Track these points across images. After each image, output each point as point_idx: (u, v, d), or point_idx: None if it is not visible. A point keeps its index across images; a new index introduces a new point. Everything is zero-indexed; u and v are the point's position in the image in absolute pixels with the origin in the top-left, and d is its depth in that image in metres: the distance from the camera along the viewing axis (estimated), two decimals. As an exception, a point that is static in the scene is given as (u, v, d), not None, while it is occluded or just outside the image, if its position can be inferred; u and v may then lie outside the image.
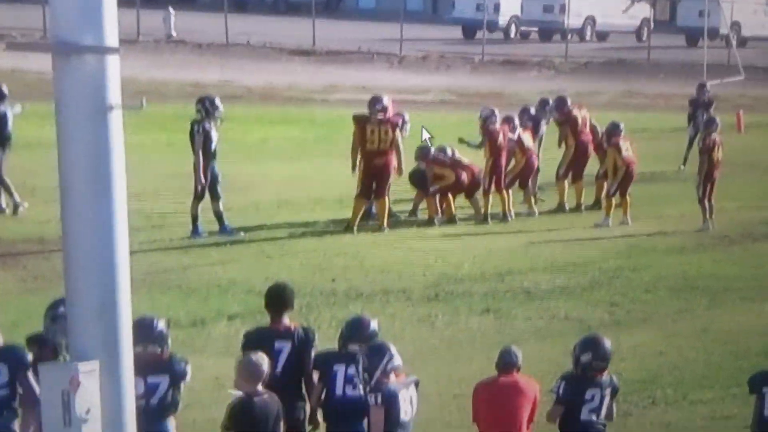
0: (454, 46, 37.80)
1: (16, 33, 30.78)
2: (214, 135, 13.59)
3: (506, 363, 7.46)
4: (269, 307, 7.36)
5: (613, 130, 15.72)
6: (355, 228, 14.35)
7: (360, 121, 14.47)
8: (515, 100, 26.55)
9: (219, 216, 13.87)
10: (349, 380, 7.11)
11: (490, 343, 10.17)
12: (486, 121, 15.28)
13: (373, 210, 14.77)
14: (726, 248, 14.59)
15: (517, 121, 15.86)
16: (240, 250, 13.52)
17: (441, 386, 9.36)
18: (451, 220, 15.34)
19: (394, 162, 14.37)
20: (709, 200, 15.24)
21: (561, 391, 7.26)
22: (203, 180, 13.53)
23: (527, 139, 15.99)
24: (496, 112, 15.54)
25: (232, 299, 11.57)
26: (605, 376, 7.24)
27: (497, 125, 15.29)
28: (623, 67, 35.28)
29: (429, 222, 15.20)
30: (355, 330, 7.30)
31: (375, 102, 14.55)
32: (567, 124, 16.38)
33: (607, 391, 7.25)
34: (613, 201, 15.58)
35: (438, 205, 15.32)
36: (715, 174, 15.27)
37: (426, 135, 16.19)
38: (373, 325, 7.37)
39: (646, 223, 15.71)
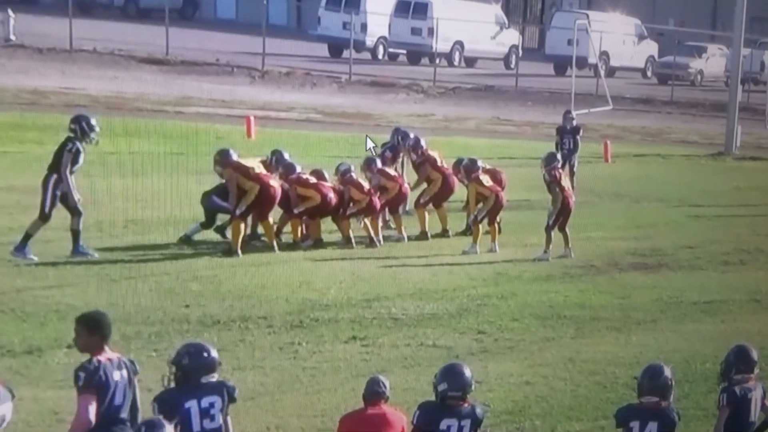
0: (320, 64, 37.89)
1: None
2: (83, 156, 13.30)
3: (373, 393, 7.44)
4: (95, 335, 6.90)
5: (471, 166, 16.12)
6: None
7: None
8: (383, 122, 26.83)
9: (76, 234, 13.46)
10: (205, 413, 6.87)
11: (355, 373, 10.15)
12: (344, 175, 15.59)
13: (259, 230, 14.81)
14: (592, 278, 14.86)
15: (378, 163, 16.14)
16: (81, 272, 12.94)
17: (304, 419, 9.25)
18: (317, 243, 15.31)
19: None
20: (563, 229, 15.64)
21: (415, 420, 7.22)
22: (73, 199, 13.19)
23: (391, 171, 16.43)
24: (352, 167, 15.84)
25: (72, 326, 10.98)
26: (466, 407, 7.20)
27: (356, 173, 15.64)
28: (491, 93, 35.96)
29: (293, 245, 15.15)
30: (202, 359, 6.92)
31: None
32: (426, 163, 16.70)
33: (467, 422, 7.18)
34: (481, 228, 15.82)
35: (304, 227, 15.31)
36: (570, 204, 15.67)
37: (370, 144, 16.19)
38: (214, 351, 7.04)
39: (513, 250, 16.00)
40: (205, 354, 6.88)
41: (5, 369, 6.64)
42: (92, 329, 6.92)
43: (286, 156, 15.60)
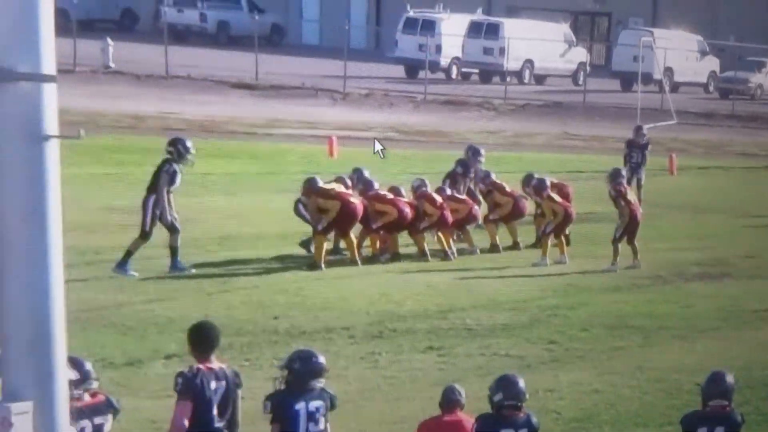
0: (397, 85, 37.97)
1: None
2: (179, 177, 13.45)
3: (450, 401, 7.44)
4: (199, 347, 6.95)
5: (541, 185, 16.00)
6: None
7: None
8: (456, 139, 26.81)
9: (174, 250, 13.60)
10: (311, 417, 6.91)
11: (432, 381, 10.11)
12: (417, 190, 15.64)
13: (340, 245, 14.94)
14: (659, 288, 14.72)
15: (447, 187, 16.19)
16: (178, 287, 13.10)
17: (384, 426, 9.28)
18: (395, 257, 15.35)
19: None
20: (632, 242, 15.47)
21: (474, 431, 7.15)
22: (169, 218, 13.35)
23: (460, 195, 16.39)
24: (426, 181, 15.89)
25: (170, 338, 11.11)
26: (522, 416, 7.09)
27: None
28: (560, 109, 35.71)
29: (372, 259, 15.18)
30: (312, 364, 7.02)
31: None
32: (494, 191, 16.64)
33: (523, 431, 7.11)
34: (550, 241, 15.72)
35: (381, 241, 15.34)
36: (638, 217, 15.50)
37: (378, 146, 16.19)
38: (322, 358, 7.18)
39: (582, 262, 15.85)
40: (315, 360, 6.96)
41: (108, 380, 6.78)
42: (195, 339, 6.99)
43: (366, 173, 15.66)
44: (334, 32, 43.91)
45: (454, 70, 42.36)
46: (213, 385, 6.79)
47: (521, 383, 7.13)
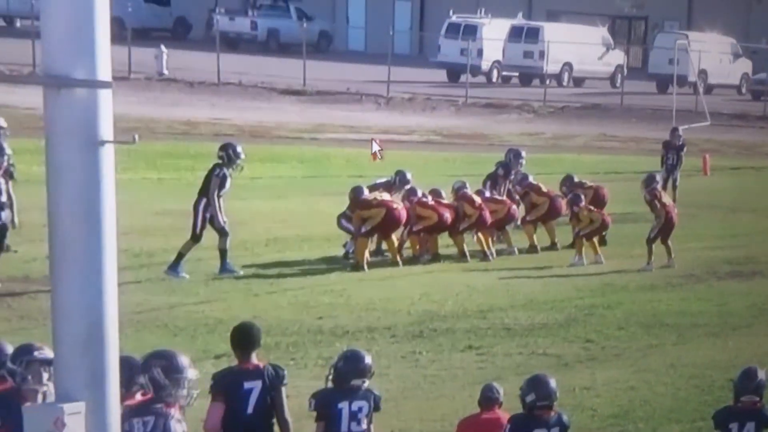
0: (439, 89, 37.80)
1: (4, 67, 29.38)
2: (229, 181, 13.46)
3: (488, 399, 7.38)
4: (236, 348, 6.91)
5: (576, 200, 15.84)
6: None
7: None
8: (497, 141, 26.65)
9: (223, 253, 13.59)
10: (353, 416, 6.85)
11: (472, 380, 10.03)
12: (458, 191, 15.56)
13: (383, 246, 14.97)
14: (692, 286, 14.55)
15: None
16: (227, 288, 13.05)
17: (425, 423, 9.23)
18: (435, 258, 15.27)
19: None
20: (666, 242, 15.35)
21: None
22: (220, 221, 13.36)
23: (498, 195, 16.36)
24: (467, 183, 15.82)
25: (219, 338, 10.98)
26: (553, 415, 6.98)
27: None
28: (598, 111, 35.40)
29: (413, 260, 15.09)
30: (356, 364, 6.93)
31: None
32: (531, 192, 16.48)
33: (555, 430, 6.99)
34: (584, 240, 15.59)
35: (422, 242, 15.25)
36: (673, 218, 15.37)
37: (376, 147, 16.07)
38: (368, 359, 7.10)
39: (618, 261, 15.70)
40: (359, 359, 6.87)
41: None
42: (235, 339, 6.94)
43: (409, 176, 15.60)
44: (379, 38, 43.85)
45: (495, 74, 42.15)
46: (247, 384, 6.70)
47: (552, 383, 7.04)
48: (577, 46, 40.82)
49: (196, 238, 13.40)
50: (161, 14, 47.65)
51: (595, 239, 15.77)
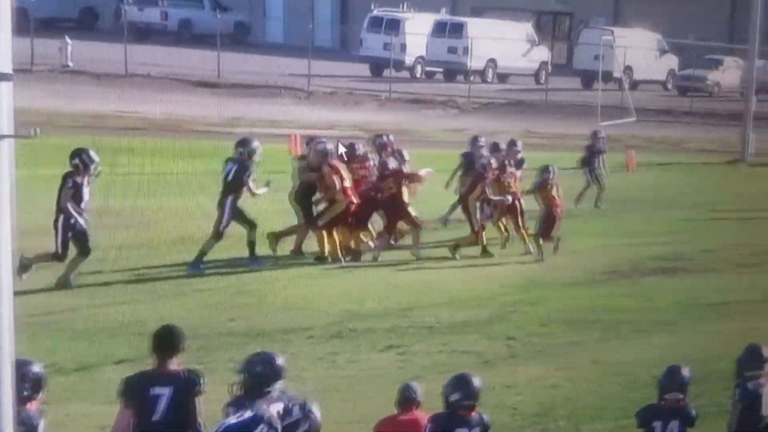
0: (362, 83, 37.82)
1: None
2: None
3: (406, 399, 7.35)
4: (155, 351, 6.85)
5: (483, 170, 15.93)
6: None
7: None
8: (421, 137, 26.71)
9: (252, 245, 13.81)
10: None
11: (391, 380, 9.93)
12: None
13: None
14: (617, 282, 14.70)
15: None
16: (132, 290, 12.82)
17: (342, 426, 9.14)
18: (356, 255, 15.22)
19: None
20: (546, 236, 15.62)
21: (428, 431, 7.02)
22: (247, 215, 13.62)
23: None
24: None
25: (122, 342, 10.86)
26: (475, 415, 7.01)
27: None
28: (522, 107, 35.77)
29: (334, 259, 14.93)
30: (276, 368, 6.77)
31: None
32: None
33: (476, 430, 7.02)
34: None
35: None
36: (556, 212, 15.67)
37: (342, 149, 16.17)
38: (280, 360, 7.00)
39: (541, 259, 15.78)
40: (276, 362, 6.78)
41: (57, 386, 6.54)
42: (154, 342, 6.88)
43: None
44: (299, 30, 43.76)
45: (419, 69, 42.33)
46: (155, 390, 6.63)
47: (477, 382, 7.05)
48: (502, 42, 41.19)
49: (218, 235, 13.74)
50: (66, 4, 46.85)
51: (523, 230, 15.84)
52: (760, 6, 28.48)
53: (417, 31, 41.13)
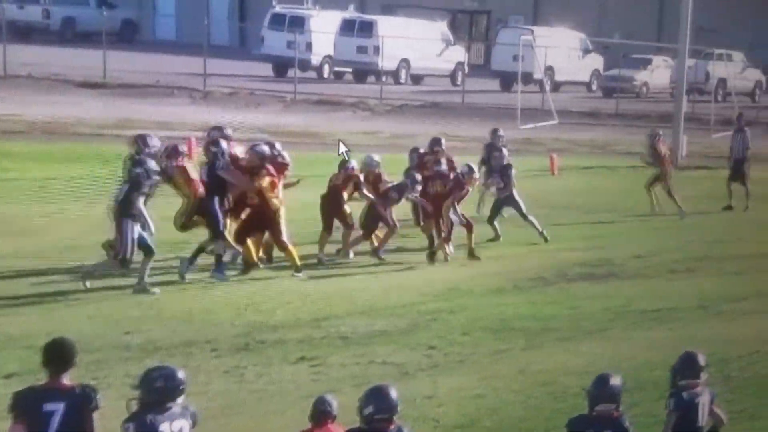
0: (264, 83, 37.84)
1: None
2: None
3: (320, 413, 7.39)
4: (46, 365, 6.90)
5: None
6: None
7: None
8: (330, 140, 26.78)
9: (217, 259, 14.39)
10: None
11: (305, 393, 10.05)
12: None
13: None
14: (542, 289, 14.94)
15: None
16: (19, 301, 12.73)
17: (250, 442, 9.20)
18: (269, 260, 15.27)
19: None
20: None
21: None
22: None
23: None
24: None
25: (9, 356, 10.81)
26: (393, 429, 7.04)
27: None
28: (438, 109, 36.11)
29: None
30: (177, 382, 6.85)
31: None
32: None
33: None
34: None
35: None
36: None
37: (343, 148, 16.21)
38: (181, 374, 7.03)
39: (464, 265, 16.06)
40: (177, 377, 6.85)
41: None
42: (46, 356, 6.92)
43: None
44: (193, 27, 43.59)
45: (326, 69, 42.50)
46: (48, 405, 6.68)
47: (393, 394, 7.11)
48: (415, 42, 41.58)
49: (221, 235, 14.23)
50: (-61, 2, 46.10)
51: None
52: (691, 2, 29.08)
53: (323, 29, 41.32)
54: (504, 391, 10.78)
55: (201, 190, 14.14)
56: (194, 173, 14.44)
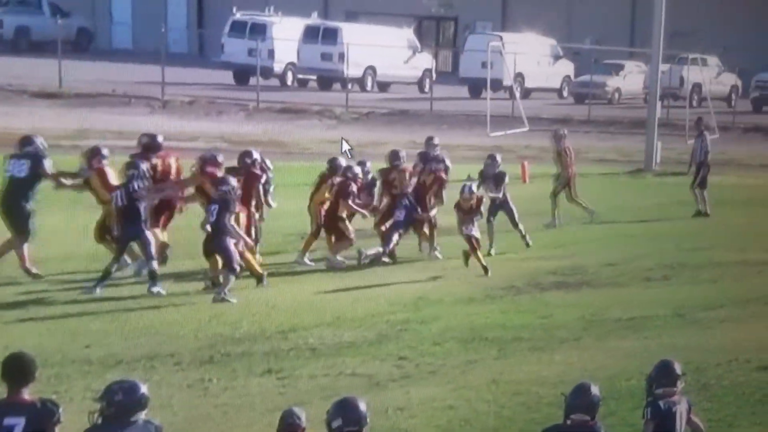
0: (225, 91, 37.87)
1: None
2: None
3: (288, 426, 7.38)
4: (5, 380, 7.03)
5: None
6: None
7: None
8: (296, 149, 26.86)
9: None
10: None
11: (272, 407, 10.12)
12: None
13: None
14: (513, 298, 15.07)
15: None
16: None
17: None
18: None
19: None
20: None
21: None
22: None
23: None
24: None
25: None
26: None
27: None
28: (406, 117, 36.25)
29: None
30: (139, 396, 6.97)
31: None
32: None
33: None
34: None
35: None
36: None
37: (346, 146, 16.25)
38: (144, 389, 7.05)
39: (434, 274, 16.20)
40: (139, 391, 6.95)
41: None
42: (4, 370, 7.03)
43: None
44: (150, 36, 43.60)
45: (290, 77, 42.55)
46: (8, 420, 6.80)
47: (362, 406, 7.13)
48: (381, 49, 41.74)
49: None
50: None
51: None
52: (664, 5, 29.35)
53: (285, 37, 41.42)
54: (476, 402, 10.85)
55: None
56: (114, 179, 14.50)
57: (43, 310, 13.27)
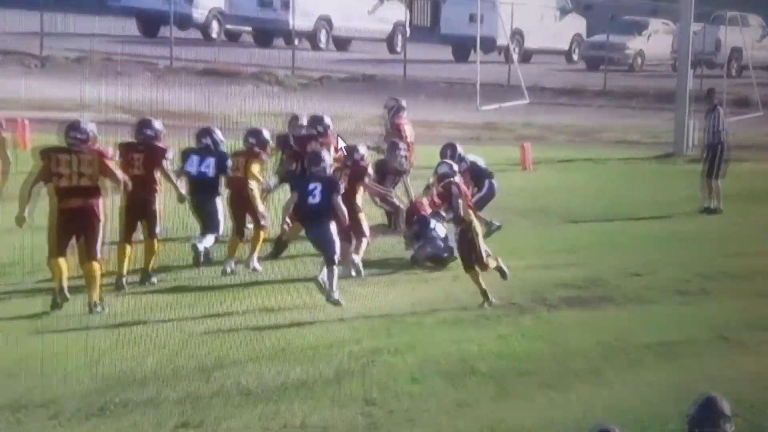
0: (126, 46, 38.07)
1: None
2: None
3: None
4: None
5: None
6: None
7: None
8: (223, 124, 26.44)
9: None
10: None
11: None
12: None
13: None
14: (514, 319, 15.03)
15: None
16: None
17: None
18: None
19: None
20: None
21: None
22: None
23: None
24: None
25: None
26: None
27: None
28: (373, 84, 36.43)
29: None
30: None
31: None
32: None
33: None
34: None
35: None
36: None
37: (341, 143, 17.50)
38: None
39: (410, 288, 16.20)
40: None
41: None
42: None
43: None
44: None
45: (215, 28, 42.32)
46: None
47: None
48: (339, -5, 41.74)
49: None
50: None
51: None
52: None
53: (210, -24, 41.34)
54: (469, 460, 10.92)
55: None
56: None
57: None
